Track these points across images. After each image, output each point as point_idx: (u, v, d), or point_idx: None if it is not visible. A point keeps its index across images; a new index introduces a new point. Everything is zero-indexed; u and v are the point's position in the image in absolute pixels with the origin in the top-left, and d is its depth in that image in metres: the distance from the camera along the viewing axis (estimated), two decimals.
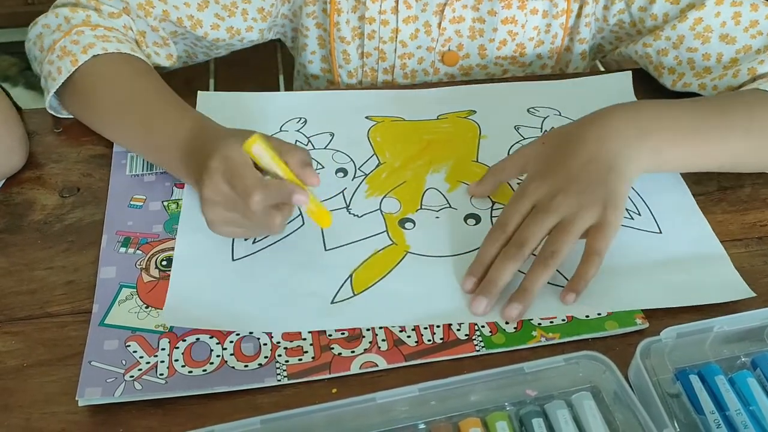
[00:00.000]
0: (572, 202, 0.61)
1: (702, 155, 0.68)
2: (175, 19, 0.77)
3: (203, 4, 0.78)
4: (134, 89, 0.72)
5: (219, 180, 0.59)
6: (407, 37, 0.84)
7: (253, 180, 0.58)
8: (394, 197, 0.70)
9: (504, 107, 0.81)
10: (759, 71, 0.74)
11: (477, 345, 0.59)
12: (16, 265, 0.64)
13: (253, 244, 0.65)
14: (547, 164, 0.65)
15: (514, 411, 0.52)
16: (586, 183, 0.62)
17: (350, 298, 0.62)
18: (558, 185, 0.62)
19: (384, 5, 0.82)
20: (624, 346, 0.59)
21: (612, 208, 0.61)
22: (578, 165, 0.63)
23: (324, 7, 0.84)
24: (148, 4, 0.76)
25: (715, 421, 0.52)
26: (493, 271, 0.61)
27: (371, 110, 0.80)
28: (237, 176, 0.58)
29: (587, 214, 0.60)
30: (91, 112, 0.75)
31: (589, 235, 0.61)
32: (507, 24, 0.84)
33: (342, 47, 0.85)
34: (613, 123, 0.65)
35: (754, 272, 0.65)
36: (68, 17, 0.75)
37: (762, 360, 0.55)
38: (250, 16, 0.80)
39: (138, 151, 0.73)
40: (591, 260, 0.60)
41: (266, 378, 0.56)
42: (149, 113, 0.70)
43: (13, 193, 0.70)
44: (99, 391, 0.55)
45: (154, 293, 0.62)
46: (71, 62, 0.72)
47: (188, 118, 0.68)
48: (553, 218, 0.61)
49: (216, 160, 0.59)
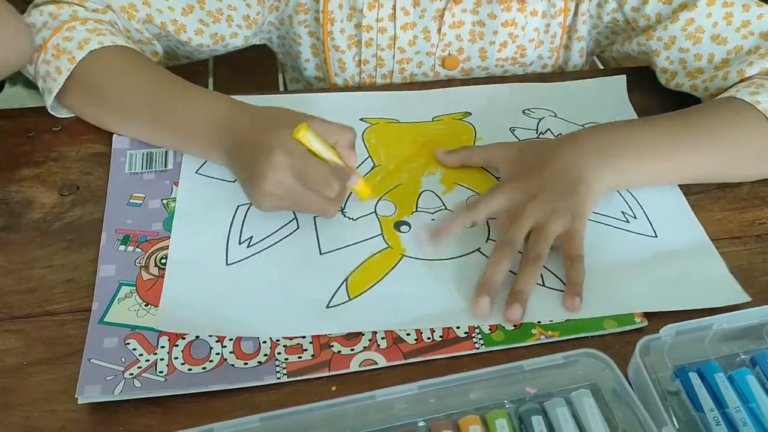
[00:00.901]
0: (545, 208, 0.64)
1: (668, 172, 0.71)
2: (159, 23, 0.77)
3: (187, 9, 0.77)
4: (144, 79, 0.72)
5: (286, 175, 0.61)
6: (405, 44, 0.84)
7: (325, 170, 0.62)
8: (389, 200, 0.70)
9: (499, 109, 0.81)
10: (747, 73, 0.74)
11: (476, 343, 0.59)
12: (16, 264, 0.64)
13: (247, 248, 0.65)
14: (523, 169, 0.69)
15: (513, 409, 0.52)
16: (556, 192, 0.65)
17: (346, 302, 0.61)
18: (531, 191, 0.66)
19: (381, 13, 0.81)
20: (623, 344, 0.59)
21: (578, 218, 0.65)
22: (551, 174, 0.67)
23: (316, 15, 0.83)
24: (131, 7, 0.76)
25: (714, 418, 0.52)
26: (489, 272, 0.62)
27: (365, 112, 0.79)
28: (308, 170, 0.61)
29: (558, 220, 0.64)
30: (98, 106, 0.74)
31: (563, 242, 0.64)
32: (507, 27, 0.84)
33: (337, 56, 0.85)
34: (581, 145, 0.69)
35: (752, 270, 0.65)
36: (54, 13, 0.74)
37: (761, 357, 0.55)
38: (235, 23, 0.80)
39: (157, 139, 0.72)
40: (577, 263, 0.63)
41: (266, 376, 0.56)
42: (169, 100, 0.70)
43: (12, 192, 0.70)
44: (99, 389, 0.55)
45: (153, 291, 0.62)
46: (68, 60, 0.71)
47: (216, 100, 0.70)
48: (528, 221, 0.64)
49: (279, 155, 0.61)
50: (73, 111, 0.76)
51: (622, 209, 0.70)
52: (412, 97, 0.82)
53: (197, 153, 0.71)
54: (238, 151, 0.66)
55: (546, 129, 0.78)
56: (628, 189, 0.72)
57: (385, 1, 0.80)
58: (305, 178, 0.61)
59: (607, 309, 0.61)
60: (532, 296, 0.62)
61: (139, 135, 0.74)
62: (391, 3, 0.80)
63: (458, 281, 0.63)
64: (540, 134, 0.78)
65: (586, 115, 0.80)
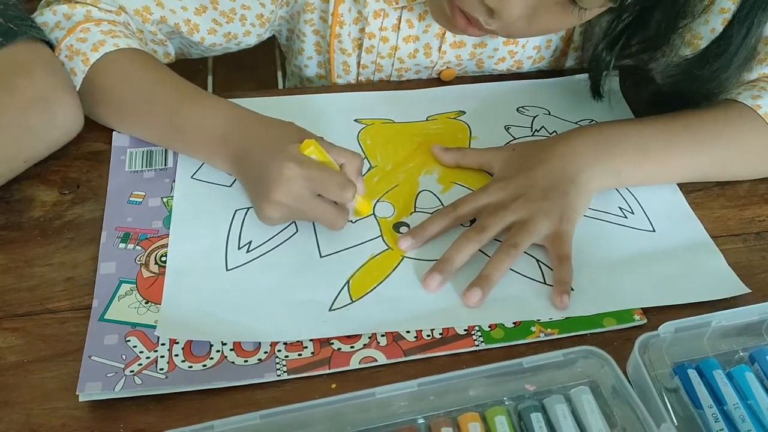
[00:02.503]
0: (531, 206, 0.64)
1: (665, 172, 0.71)
2: (173, 24, 0.77)
3: (200, 9, 0.77)
4: (157, 83, 0.72)
5: (300, 185, 0.62)
6: (405, 55, 0.83)
7: (340, 175, 0.63)
8: (388, 201, 0.70)
9: (493, 107, 0.81)
10: (747, 78, 0.73)
11: (476, 340, 0.59)
12: (16, 262, 0.64)
13: (246, 253, 0.65)
14: (515, 168, 0.69)
15: (512, 406, 0.52)
16: (547, 190, 0.65)
17: (348, 305, 0.61)
18: (520, 190, 0.66)
19: (385, 22, 0.80)
20: (622, 341, 0.59)
21: (567, 219, 0.64)
22: (542, 174, 0.66)
23: (323, 15, 0.82)
24: (146, 10, 0.75)
25: (713, 415, 0.52)
26: (451, 251, 0.62)
27: (360, 113, 0.79)
28: (323, 175, 0.62)
29: (546, 219, 0.64)
30: (111, 109, 0.74)
31: (550, 243, 0.64)
32: (508, 45, 0.83)
33: (342, 59, 0.84)
34: (577, 143, 0.69)
35: (751, 267, 0.65)
36: (68, 14, 0.74)
37: (760, 354, 0.56)
38: (249, 22, 0.79)
39: (167, 142, 0.73)
40: (565, 263, 0.63)
41: (266, 373, 0.56)
42: (179, 104, 0.70)
43: (12, 190, 0.70)
44: (99, 386, 0.55)
45: (153, 289, 0.62)
46: (83, 62, 0.71)
47: (222, 106, 0.70)
48: (511, 215, 0.64)
49: (291, 167, 0.61)
50: (84, 111, 0.76)
51: (619, 205, 0.70)
52: (406, 96, 0.82)
53: (204, 158, 0.71)
54: (247, 161, 0.66)
55: (540, 127, 0.78)
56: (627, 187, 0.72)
57: (390, 11, 0.79)
58: (320, 184, 0.62)
59: (606, 304, 0.61)
60: (531, 294, 0.62)
61: (149, 138, 0.73)
62: (397, 14, 0.80)
63: (459, 281, 0.63)
64: (535, 132, 0.78)
65: (580, 112, 0.80)
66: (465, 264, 0.63)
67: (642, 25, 0.70)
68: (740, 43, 0.66)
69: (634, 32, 0.71)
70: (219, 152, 0.68)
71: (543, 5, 0.62)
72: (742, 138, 0.70)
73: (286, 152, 0.63)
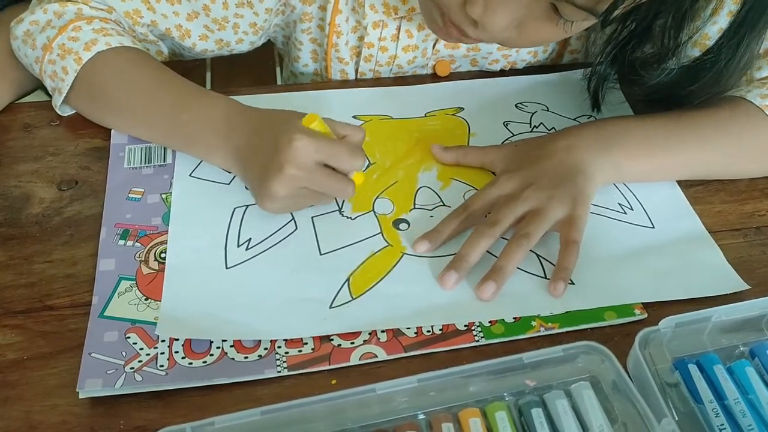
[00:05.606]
0: (542, 194, 0.64)
1: (667, 168, 0.71)
2: (164, 29, 0.76)
3: (192, 15, 0.76)
4: (155, 81, 0.72)
5: (311, 155, 0.61)
6: (404, 62, 0.82)
7: (349, 145, 0.63)
8: (387, 198, 0.70)
9: (492, 103, 0.80)
10: (756, 77, 0.73)
11: (476, 335, 0.59)
12: (15, 259, 0.64)
13: (246, 251, 0.64)
14: (519, 162, 0.68)
15: (513, 401, 0.52)
16: (556, 179, 0.65)
17: (349, 302, 0.61)
18: (529, 180, 0.66)
19: (384, 32, 0.79)
20: (622, 336, 0.59)
21: (581, 203, 0.64)
22: (550, 164, 0.67)
23: (320, 24, 0.81)
24: (136, 13, 0.75)
25: (713, 410, 0.52)
26: (465, 247, 0.62)
27: (358, 109, 0.79)
28: (332, 144, 0.63)
29: (558, 205, 0.63)
30: (104, 107, 0.73)
31: (562, 227, 0.64)
32: (502, 49, 0.82)
33: (340, 67, 0.83)
34: (581, 137, 0.69)
35: (751, 262, 0.65)
36: (58, 12, 0.73)
37: (760, 349, 0.56)
38: (242, 30, 0.78)
39: (166, 141, 0.72)
40: (570, 249, 0.62)
41: (266, 369, 0.56)
42: (179, 102, 0.70)
43: (10, 187, 0.70)
44: (99, 383, 0.55)
45: (153, 285, 0.62)
46: (75, 60, 0.71)
47: (221, 100, 0.69)
48: (523, 206, 0.64)
49: (301, 138, 0.61)
50: (78, 110, 0.75)
51: (618, 201, 0.70)
52: (404, 92, 0.82)
53: (203, 156, 0.71)
54: (251, 152, 0.65)
55: (539, 123, 0.78)
56: (625, 183, 0.71)
57: (390, 22, 0.78)
58: (330, 153, 0.62)
59: (606, 299, 0.61)
60: (532, 290, 0.62)
61: (148, 137, 0.73)
62: (396, 24, 0.79)
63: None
64: (534, 128, 0.78)
65: (579, 108, 0.80)
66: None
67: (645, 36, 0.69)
68: (730, 56, 0.66)
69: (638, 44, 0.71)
70: (220, 148, 0.68)
71: (529, 17, 0.61)
72: (747, 137, 0.70)
73: (293, 126, 0.63)
